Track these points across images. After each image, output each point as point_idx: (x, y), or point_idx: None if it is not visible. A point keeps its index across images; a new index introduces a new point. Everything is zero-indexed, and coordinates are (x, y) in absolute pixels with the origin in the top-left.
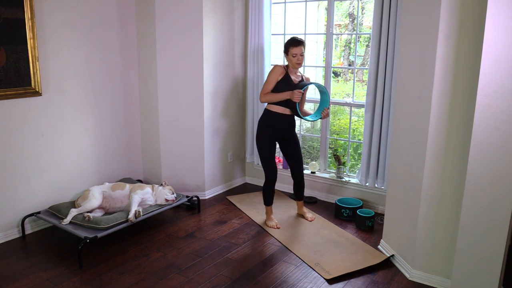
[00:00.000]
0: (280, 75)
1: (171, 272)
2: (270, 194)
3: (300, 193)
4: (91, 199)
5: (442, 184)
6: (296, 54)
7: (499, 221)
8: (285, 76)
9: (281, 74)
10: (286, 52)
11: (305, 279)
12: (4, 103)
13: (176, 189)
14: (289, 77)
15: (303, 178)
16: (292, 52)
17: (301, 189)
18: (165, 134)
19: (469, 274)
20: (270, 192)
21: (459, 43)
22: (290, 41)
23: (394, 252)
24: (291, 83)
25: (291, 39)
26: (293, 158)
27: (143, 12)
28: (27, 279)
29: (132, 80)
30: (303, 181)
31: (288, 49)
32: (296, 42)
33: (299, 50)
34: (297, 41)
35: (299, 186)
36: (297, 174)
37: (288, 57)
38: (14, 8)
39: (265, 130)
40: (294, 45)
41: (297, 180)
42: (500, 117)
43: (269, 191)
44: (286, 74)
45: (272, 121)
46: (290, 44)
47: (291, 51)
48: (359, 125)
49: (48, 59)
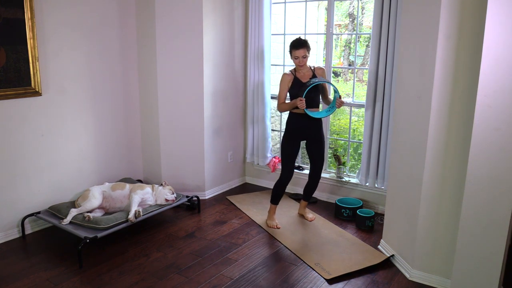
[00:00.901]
0: (289, 82)
1: (171, 272)
2: (279, 194)
3: (310, 194)
4: (91, 199)
5: (442, 184)
6: (298, 57)
7: (499, 221)
8: (294, 81)
9: (289, 81)
10: (290, 54)
11: (305, 279)
12: (4, 103)
13: (176, 189)
14: (298, 80)
15: (318, 180)
16: (294, 55)
17: (312, 191)
18: (165, 134)
19: (469, 274)
20: (280, 192)
21: (459, 43)
22: (292, 43)
23: (394, 252)
24: (302, 84)
25: (294, 41)
26: (313, 159)
27: (143, 12)
28: (27, 279)
29: (132, 80)
30: (317, 184)
31: (291, 51)
32: (298, 44)
33: (300, 53)
34: (299, 43)
35: (311, 187)
36: (314, 175)
37: (292, 59)
38: (14, 8)
39: (288, 131)
40: (295, 48)
41: (312, 182)
42: (500, 117)
43: (279, 190)
44: (294, 79)
45: (295, 123)
46: (292, 46)
47: (293, 53)
48: (359, 125)
49: (48, 59)
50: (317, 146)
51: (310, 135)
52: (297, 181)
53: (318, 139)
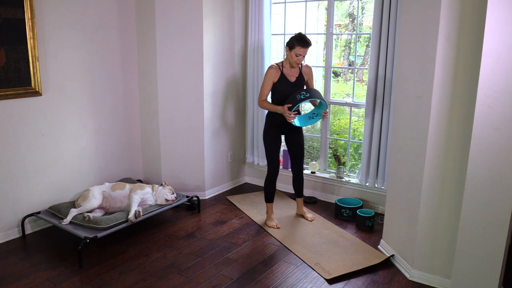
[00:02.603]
0: (275, 77)
1: (171, 272)
2: (270, 190)
3: (299, 188)
4: (91, 199)
5: (442, 184)
6: (300, 55)
7: (499, 221)
8: (281, 77)
9: (276, 76)
10: (291, 48)
11: (305, 279)
12: (4, 103)
13: (176, 189)
14: (284, 77)
15: (302, 172)
16: (297, 52)
17: (299, 184)
18: (165, 134)
19: (469, 274)
20: (271, 188)
21: (459, 43)
22: (299, 39)
23: (394, 252)
24: (288, 83)
25: (301, 37)
26: (293, 150)
27: (143, 12)
28: (27, 279)
29: (132, 80)
30: (302, 176)
31: (295, 46)
32: (305, 43)
33: (304, 52)
34: (307, 42)
35: (297, 179)
36: (296, 167)
37: (289, 53)
38: (14, 8)
39: (270, 125)
40: (302, 46)
41: (296, 173)
42: (500, 117)
43: (270, 186)
44: (281, 75)
45: (275, 117)
46: (299, 42)
47: (296, 50)
48: (359, 125)
49: (48, 59)
50: (298, 139)
51: (291, 128)
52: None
53: (299, 132)
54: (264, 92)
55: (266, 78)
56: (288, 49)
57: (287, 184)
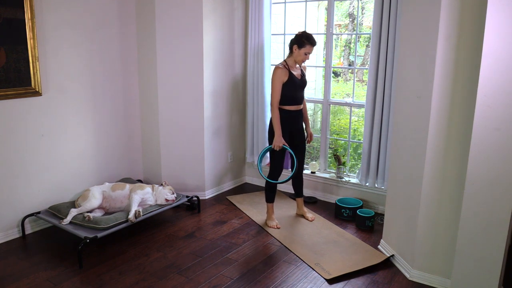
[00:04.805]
0: (284, 77)
1: (171, 272)
2: (272, 191)
3: (299, 188)
4: (91, 199)
5: (442, 184)
6: (308, 53)
7: (499, 221)
8: (290, 77)
9: (285, 76)
10: (300, 46)
11: (305, 279)
12: (4, 103)
13: (176, 189)
14: (292, 75)
15: (302, 170)
16: (307, 50)
17: (299, 184)
18: (165, 134)
19: (469, 274)
20: (272, 189)
21: (459, 43)
22: (308, 37)
23: (394, 252)
24: (295, 81)
25: (311, 36)
26: (297, 150)
27: (143, 12)
28: (27, 279)
29: (132, 80)
30: (301, 175)
31: (305, 44)
32: (314, 41)
33: (312, 50)
34: (315, 41)
35: (297, 180)
36: (298, 167)
37: (298, 51)
38: (14, 8)
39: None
40: (312, 44)
41: (297, 174)
42: (500, 117)
43: (272, 187)
44: (290, 75)
45: (284, 118)
46: (308, 40)
47: (307, 48)
48: (359, 125)
49: (48, 59)
50: (301, 138)
51: (296, 127)
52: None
53: (302, 131)
54: (276, 94)
55: (276, 80)
56: (297, 47)
57: (287, 184)
